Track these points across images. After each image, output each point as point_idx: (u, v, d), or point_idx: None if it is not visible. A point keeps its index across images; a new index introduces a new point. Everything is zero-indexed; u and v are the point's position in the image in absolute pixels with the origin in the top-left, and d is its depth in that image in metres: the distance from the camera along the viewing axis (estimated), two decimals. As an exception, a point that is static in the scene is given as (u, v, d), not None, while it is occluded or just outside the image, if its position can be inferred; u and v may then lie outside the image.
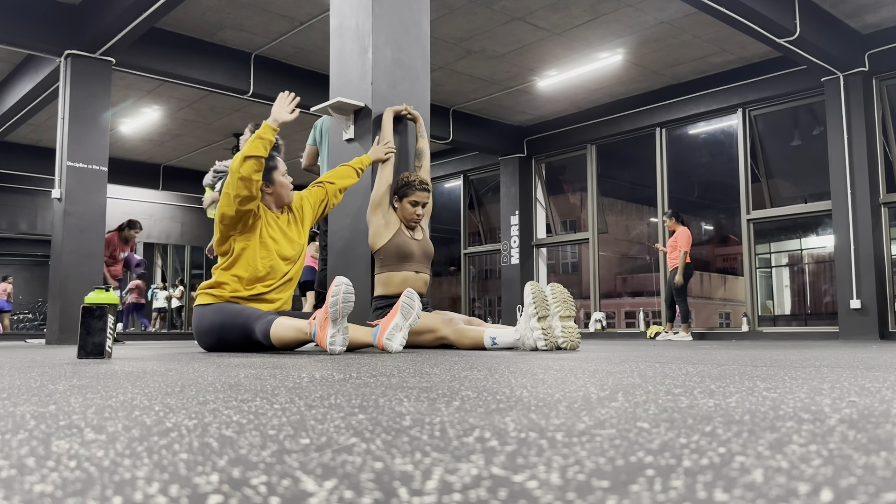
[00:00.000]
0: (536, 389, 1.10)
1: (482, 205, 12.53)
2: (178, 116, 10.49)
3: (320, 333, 2.67)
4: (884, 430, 0.66)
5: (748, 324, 8.79)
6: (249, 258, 3.20)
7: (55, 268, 6.80)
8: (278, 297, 3.29)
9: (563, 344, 3.05)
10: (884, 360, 2.16)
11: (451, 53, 8.33)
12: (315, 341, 2.72)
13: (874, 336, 7.47)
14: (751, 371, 1.57)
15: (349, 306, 2.63)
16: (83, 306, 2.51)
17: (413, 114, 4.06)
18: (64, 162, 6.78)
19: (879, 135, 7.86)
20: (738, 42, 8.03)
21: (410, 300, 2.92)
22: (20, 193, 13.18)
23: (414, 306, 2.91)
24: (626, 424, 0.70)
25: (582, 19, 7.48)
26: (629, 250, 13.47)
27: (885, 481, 0.43)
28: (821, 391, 1.07)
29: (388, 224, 3.74)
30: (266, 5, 7.20)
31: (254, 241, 3.21)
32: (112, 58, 7.12)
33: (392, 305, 3.49)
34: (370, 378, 1.36)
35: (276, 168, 3.34)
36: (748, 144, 9.00)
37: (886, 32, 7.72)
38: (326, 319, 2.66)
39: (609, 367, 1.74)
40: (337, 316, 2.62)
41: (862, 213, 7.63)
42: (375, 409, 0.85)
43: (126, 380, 1.38)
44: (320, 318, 2.69)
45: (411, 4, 4.26)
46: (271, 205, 3.35)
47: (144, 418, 0.78)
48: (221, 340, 3.12)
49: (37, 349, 4.39)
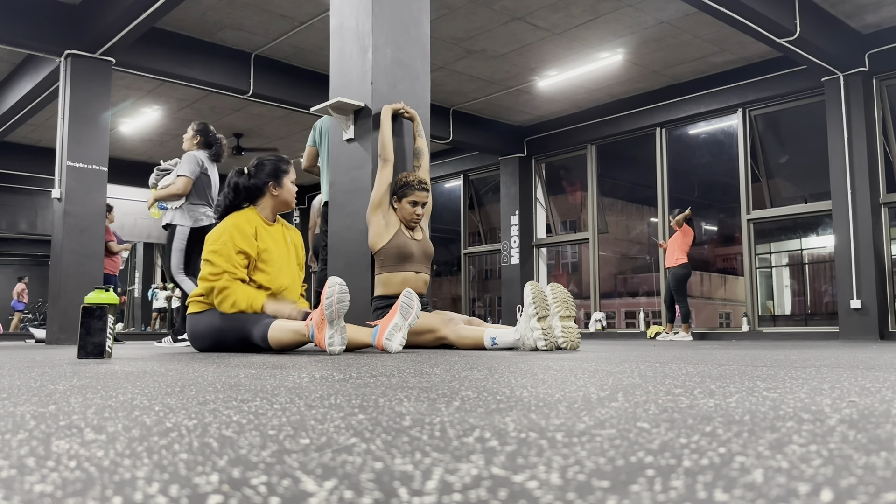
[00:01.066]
0: (536, 389, 1.10)
1: (482, 205, 12.53)
2: (178, 116, 10.49)
3: (318, 335, 2.67)
4: (884, 430, 0.66)
5: (748, 324, 8.79)
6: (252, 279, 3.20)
7: (55, 268, 6.80)
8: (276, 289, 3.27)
9: (563, 344, 3.05)
10: (884, 360, 2.16)
11: (451, 53, 8.33)
12: (314, 342, 2.72)
13: (874, 336, 7.47)
14: (751, 371, 1.57)
15: (344, 306, 2.62)
16: (83, 306, 2.51)
17: (410, 112, 4.05)
18: (64, 162, 6.78)
19: (879, 135, 7.86)
20: (738, 42, 8.03)
21: (409, 300, 2.92)
22: (20, 193, 13.18)
23: (413, 306, 2.91)
24: (626, 424, 0.70)
25: (582, 19, 7.48)
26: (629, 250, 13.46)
27: (885, 481, 0.43)
28: (821, 391, 1.07)
29: (389, 225, 3.74)
30: (266, 5, 7.20)
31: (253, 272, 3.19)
32: (112, 58, 7.12)
33: (392, 306, 3.49)
34: (370, 378, 1.36)
35: (287, 173, 3.33)
36: (748, 144, 9.00)
37: (886, 32, 7.72)
38: (323, 321, 2.65)
39: (609, 367, 1.74)
40: (333, 317, 2.61)
41: (862, 213, 7.63)
42: (375, 409, 0.85)
43: (126, 380, 1.38)
44: (317, 319, 2.69)
45: (411, 4, 4.26)
46: (268, 209, 3.31)
47: (144, 418, 0.78)
48: (218, 343, 3.11)
49: (37, 349, 4.39)
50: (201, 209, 4.81)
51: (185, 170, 4.74)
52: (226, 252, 3.07)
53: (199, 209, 4.80)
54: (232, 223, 3.16)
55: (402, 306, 2.88)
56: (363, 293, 3.84)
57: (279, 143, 11.82)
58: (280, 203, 3.32)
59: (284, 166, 3.33)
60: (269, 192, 3.29)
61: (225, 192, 3.31)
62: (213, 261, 3.07)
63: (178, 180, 4.74)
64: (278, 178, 3.29)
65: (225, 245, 3.08)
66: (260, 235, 3.20)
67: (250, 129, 11.19)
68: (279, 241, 3.29)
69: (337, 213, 4.17)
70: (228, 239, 3.09)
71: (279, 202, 3.32)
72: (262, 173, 3.29)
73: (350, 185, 4.09)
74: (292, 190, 3.34)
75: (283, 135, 11.46)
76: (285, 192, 3.31)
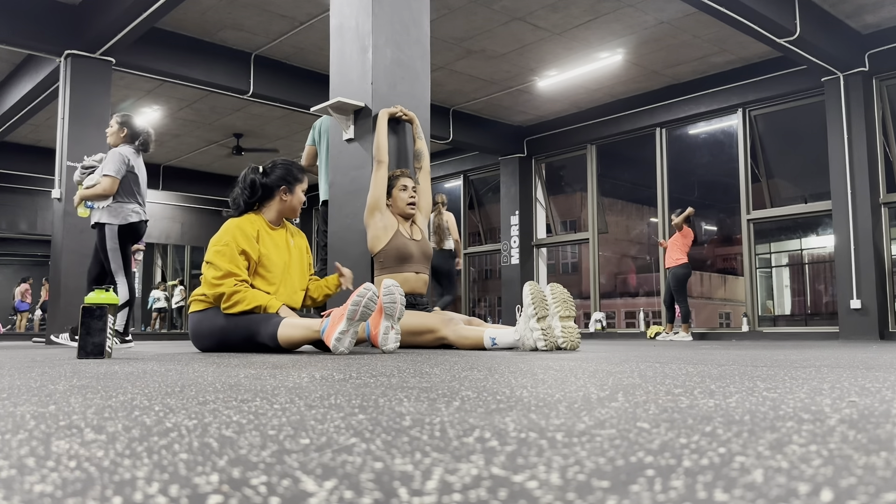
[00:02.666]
0: (536, 389, 1.10)
1: (482, 205, 12.53)
2: (178, 116, 10.49)
3: (330, 329, 2.65)
4: (884, 430, 0.66)
5: (748, 324, 8.79)
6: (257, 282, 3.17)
7: (55, 268, 6.80)
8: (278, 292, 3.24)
9: (563, 344, 3.05)
10: (884, 360, 2.16)
11: (451, 53, 8.33)
12: (322, 337, 2.69)
13: (874, 336, 7.47)
14: (751, 371, 1.57)
15: (368, 313, 2.62)
16: (83, 306, 2.51)
17: (408, 115, 4.05)
18: (64, 162, 6.79)
19: (879, 135, 7.86)
20: (738, 42, 8.03)
21: (392, 297, 2.86)
22: (20, 193, 13.18)
23: (396, 302, 2.86)
24: (626, 424, 0.70)
25: (582, 19, 7.48)
26: (629, 250, 13.46)
27: (885, 481, 0.43)
28: (821, 391, 1.07)
29: (387, 227, 3.74)
30: (266, 5, 7.20)
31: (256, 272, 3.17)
32: (112, 58, 7.12)
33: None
34: (370, 378, 1.36)
35: (300, 182, 3.30)
36: (748, 144, 9.00)
37: (886, 32, 7.72)
38: (342, 316, 2.64)
39: (609, 367, 1.74)
40: (353, 315, 2.61)
41: (862, 213, 7.63)
42: (375, 409, 0.85)
43: (126, 380, 1.38)
44: (335, 315, 2.67)
45: (411, 4, 4.26)
46: (274, 213, 3.27)
47: (144, 418, 0.78)
48: (223, 343, 3.08)
49: (37, 349, 4.39)
50: (129, 206, 4.67)
51: (110, 169, 4.60)
52: (229, 252, 3.06)
53: (127, 206, 4.66)
54: (235, 224, 3.14)
55: (385, 307, 2.83)
56: (363, 293, 3.84)
57: (279, 144, 11.81)
58: (287, 209, 3.29)
59: (299, 174, 3.31)
60: (279, 196, 3.25)
61: (241, 188, 3.25)
62: (215, 262, 3.05)
63: (103, 180, 4.58)
64: (291, 185, 3.26)
65: (228, 245, 3.07)
66: (262, 239, 3.17)
67: (250, 129, 11.20)
68: (281, 247, 3.25)
69: (337, 213, 4.17)
70: (231, 239, 3.08)
71: (287, 208, 3.29)
72: (276, 175, 3.26)
73: (350, 185, 4.09)
74: (301, 199, 3.31)
75: (284, 135, 11.46)
76: (294, 200, 3.28)
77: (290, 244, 3.32)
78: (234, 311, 3.01)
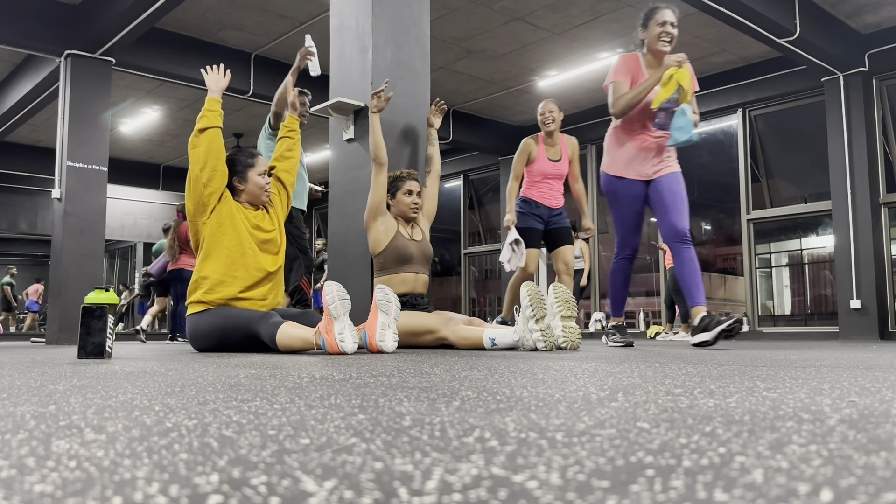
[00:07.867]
0: (536, 389, 1.10)
1: (482, 205, 12.53)
2: (178, 116, 10.49)
3: (328, 337, 2.65)
4: (884, 430, 0.66)
5: (748, 324, 8.79)
6: (219, 241, 3.16)
7: (55, 268, 6.80)
8: (265, 295, 3.25)
9: (564, 344, 3.05)
10: (884, 361, 2.16)
11: (451, 53, 8.33)
12: (325, 349, 2.70)
13: (874, 336, 7.47)
14: (751, 371, 1.57)
15: (347, 303, 2.67)
16: (83, 306, 2.51)
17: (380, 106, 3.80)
18: (64, 162, 6.79)
19: (879, 135, 7.86)
20: (738, 42, 8.04)
21: (385, 296, 2.88)
22: (20, 193, 13.19)
23: (391, 300, 2.87)
24: (626, 424, 0.70)
25: (582, 19, 7.48)
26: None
27: (885, 481, 0.43)
28: (821, 391, 1.07)
29: (387, 229, 3.72)
30: (266, 5, 7.20)
31: (221, 222, 3.18)
32: (112, 58, 7.12)
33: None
34: (370, 378, 1.36)
35: (252, 167, 3.31)
36: (748, 144, 9.00)
37: (886, 32, 7.72)
38: (330, 320, 2.66)
39: (609, 367, 1.74)
40: (336, 312, 2.64)
41: (862, 213, 7.63)
42: (375, 409, 0.85)
43: (126, 380, 1.38)
44: (323, 327, 2.69)
45: (411, 4, 4.26)
46: (243, 200, 3.32)
47: (144, 418, 0.78)
48: (222, 343, 3.09)
49: (37, 349, 4.39)
50: None
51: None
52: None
53: None
54: None
55: (380, 304, 2.85)
56: (363, 293, 3.84)
57: (279, 143, 11.81)
58: (249, 195, 3.32)
59: (247, 159, 3.32)
60: (236, 185, 3.30)
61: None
62: (192, 165, 3.19)
63: None
64: (241, 173, 3.29)
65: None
66: (234, 215, 3.23)
67: (250, 129, 11.20)
68: (244, 229, 3.24)
69: (337, 214, 4.17)
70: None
71: (247, 193, 3.32)
72: (231, 169, 3.29)
73: (350, 185, 4.09)
74: (258, 182, 3.31)
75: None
76: (251, 185, 3.30)
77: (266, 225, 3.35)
78: (202, 126, 3.22)
